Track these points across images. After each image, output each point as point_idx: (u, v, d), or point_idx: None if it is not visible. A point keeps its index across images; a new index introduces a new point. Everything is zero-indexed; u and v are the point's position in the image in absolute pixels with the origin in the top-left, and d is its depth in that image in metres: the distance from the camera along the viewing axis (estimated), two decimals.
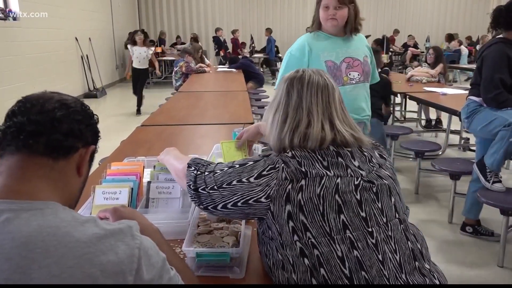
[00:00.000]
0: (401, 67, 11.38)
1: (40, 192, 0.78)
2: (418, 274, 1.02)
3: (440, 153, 4.46)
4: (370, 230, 1.00)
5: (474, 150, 3.66)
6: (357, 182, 1.04)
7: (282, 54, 11.31)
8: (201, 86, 5.43)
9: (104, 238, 0.73)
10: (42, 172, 0.80)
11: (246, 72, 6.84)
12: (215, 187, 1.07)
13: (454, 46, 11.66)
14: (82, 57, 9.46)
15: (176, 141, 2.47)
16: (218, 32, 12.21)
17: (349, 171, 1.04)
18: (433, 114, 5.71)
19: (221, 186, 1.06)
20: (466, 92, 3.17)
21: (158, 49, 11.74)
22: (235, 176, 1.06)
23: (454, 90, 4.81)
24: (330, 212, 0.99)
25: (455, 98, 4.24)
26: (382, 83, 3.10)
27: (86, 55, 9.61)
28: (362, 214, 1.01)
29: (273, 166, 1.03)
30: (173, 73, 7.16)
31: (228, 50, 12.09)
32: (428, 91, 4.78)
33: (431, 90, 4.81)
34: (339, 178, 1.02)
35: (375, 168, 1.10)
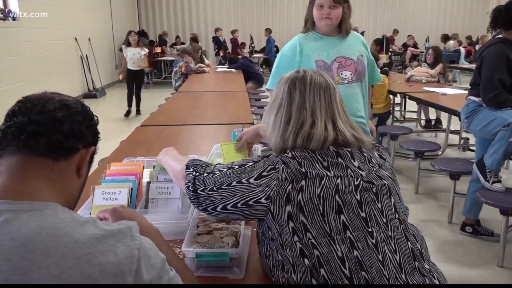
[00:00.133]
0: (400, 67, 11.37)
1: (40, 192, 0.78)
2: (418, 274, 1.02)
3: (439, 153, 4.46)
4: (370, 230, 1.00)
5: (473, 150, 3.67)
6: (357, 183, 1.04)
7: None
8: (200, 86, 5.43)
9: (103, 239, 0.73)
10: (42, 172, 0.80)
11: (245, 72, 6.84)
12: (214, 188, 1.06)
13: (454, 46, 11.67)
14: (81, 57, 9.46)
15: (175, 141, 2.47)
16: (217, 32, 12.22)
17: (349, 172, 1.04)
18: (432, 114, 5.72)
19: (220, 187, 1.05)
20: (466, 92, 3.18)
21: (158, 49, 11.77)
22: (235, 177, 1.05)
23: (454, 90, 4.81)
24: (330, 212, 0.99)
25: (455, 98, 4.25)
26: None
27: (86, 55, 9.61)
28: (362, 215, 1.01)
29: (273, 166, 1.03)
30: (172, 73, 7.16)
31: (227, 50, 12.10)
32: (427, 91, 4.78)
33: (431, 90, 4.81)
34: (339, 179, 1.02)
35: (375, 168, 1.10)
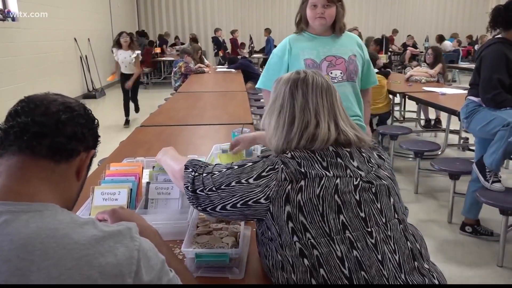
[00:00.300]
0: (400, 67, 11.38)
1: (39, 193, 0.78)
2: (417, 274, 1.02)
3: (439, 153, 4.46)
4: (369, 230, 1.00)
5: (473, 150, 3.67)
6: (356, 183, 1.04)
7: None
8: (200, 86, 5.43)
9: (103, 240, 0.73)
10: (44, 174, 0.80)
11: (245, 72, 6.84)
12: (214, 189, 1.06)
13: (454, 46, 11.67)
14: (81, 57, 9.46)
15: (175, 141, 2.47)
16: (217, 32, 12.22)
17: (348, 172, 1.04)
18: (432, 114, 5.72)
19: (219, 188, 1.05)
20: (465, 92, 3.18)
21: (157, 49, 11.76)
22: (234, 177, 1.05)
23: (453, 90, 4.82)
24: (330, 212, 0.99)
25: (454, 98, 4.25)
26: None
27: (85, 56, 9.61)
28: (362, 215, 1.01)
29: (272, 167, 1.03)
30: (172, 73, 7.15)
31: (227, 50, 12.09)
32: (427, 91, 4.78)
33: (430, 90, 4.82)
34: (339, 179, 1.02)
35: (374, 168, 1.10)
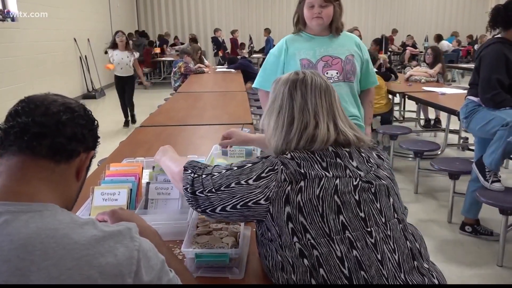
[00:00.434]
0: (399, 67, 11.38)
1: (39, 194, 0.78)
2: (417, 273, 1.03)
3: (439, 152, 4.46)
4: (369, 230, 1.00)
5: (473, 150, 3.67)
6: (355, 183, 1.04)
7: None
8: (200, 86, 5.43)
9: (103, 240, 0.73)
10: (44, 174, 0.80)
11: (245, 72, 6.84)
12: (213, 190, 1.06)
13: (454, 46, 11.67)
14: (80, 58, 9.46)
15: (175, 141, 2.46)
16: (216, 32, 12.21)
17: (347, 172, 1.04)
18: (432, 113, 5.72)
19: (219, 189, 1.05)
20: (465, 91, 3.18)
21: (157, 49, 11.76)
22: (234, 178, 1.05)
23: (453, 90, 4.82)
24: (330, 213, 0.99)
25: (454, 97, 4.25)
26: None
27: (85, 56, 9.61)
28: (361, 215, 1.01)
29: (272, 168, 1.03)
30: (171, 73, 7.15)
31: (226, 50, 12.09)
32: (427, 91, 4.79)
33: (430, 90, 4.82)
34: (338, 179, 1.02)
35: (373, 168, 1.10)
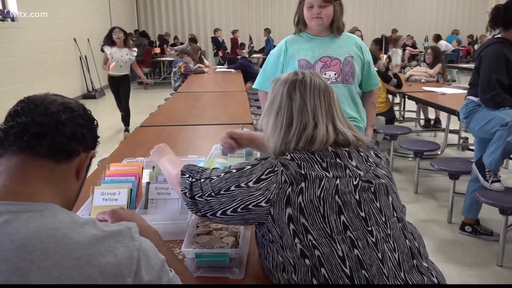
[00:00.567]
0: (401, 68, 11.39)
1: (39, 193, 0.78)
2: (417, 272, 1.03)
3: (439, 152, 4.46)
4: (369, 229, 1.01)
5: (473, 150, 3.67)
6: (355, 183, 1.04)
7: None
8: (200, 86, 5.42)
9: (103, 240, 0.73)
10: (43, 174, 0.80)
11: (245, 72, 6.84)
12: (213, 194, 1.05)
13: (454, 46, 11.67)
14: (80, 57, 9.46)
15: (175, 141, 2.46)
16: (216, 32, 12.21)
17: (347, 172, 1.04)
18: (432, 113, 5.72)
19: (219, 193, 1.04)
20: (465, 91, 3.18)
21: (157, 49, 11.76)
22: (233, 181, 1.04)
23: (453, 90, 4.82)
24: (331, 213, 0.99)
25: (454, 97, 4.25)
26: None
27: (85, 56, 9.61)
28: (362, 214, 1.01)
29: (271, 169, 1.02)
30: (171, 73, 7.15)
31: (226, 50, 12.09)
32: (427, 91, 4.79)
33: (430, 90, 4.82)
34: (338, 179, 1.02)
35: (372, 167, 1.10)
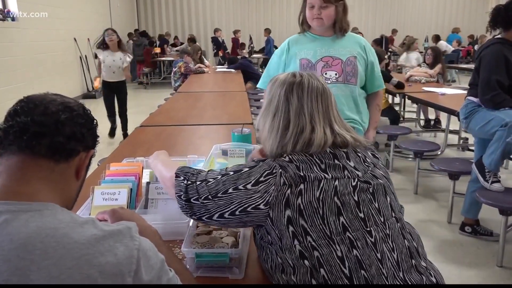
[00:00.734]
0: (399, 67, 11.38)
1: (39, 193, 0.78)
2: (415, 272, 1.03)
3: (439, 153, 4.46)
4: (368, 229, 1.01)
5: (473, 150, 3.66)
6: (354, 184, 1.03)
7: None
8: (200, 86, 5.42)
9: (103, 239, 0.73)
10: (43, 174, 0.80)
11: (245, 72, 6.84)
12: (210, 197, 1.03)
13: (454, 46, 11.67)
14: (80, 57, 9.46)
15: (175, 141, 2.47)
16: (216, 32, 12.21)
17: (346, 173, 1.04)
18: (431, 114, 5.72)
19: (216, 196, 1.02)
20: (465, 92, 3.18)
21: (157, 49, 11.76)
22: (231, 183, 1.02)
23: (453, 90, 4.82)
24: (330, 215, 0.99)
25: (454, 98, 4.25)
26: None
27: (85, 56, 9.61)
28: (361, 215, 1.01)
29: (270, 171, 1.01)
30: (172, 73, 7.15)
31: (226, 50, 12.09)
32: (427, 91, 4.79)
33: (430, 90, 4.82)
34: (337, 180, 1.02)
35: (370, 168, 1.10)
